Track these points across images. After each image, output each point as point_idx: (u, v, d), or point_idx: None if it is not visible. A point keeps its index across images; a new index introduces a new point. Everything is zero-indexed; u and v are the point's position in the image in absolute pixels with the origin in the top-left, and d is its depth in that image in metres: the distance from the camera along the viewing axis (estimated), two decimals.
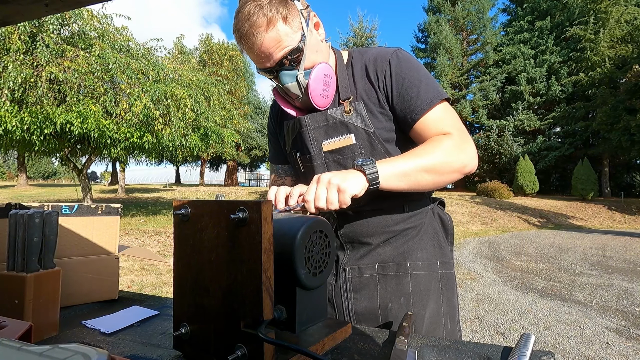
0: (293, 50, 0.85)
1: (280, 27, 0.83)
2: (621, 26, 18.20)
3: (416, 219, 0.97)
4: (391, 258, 0.95)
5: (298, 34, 0.85)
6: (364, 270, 0.96)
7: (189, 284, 0.62)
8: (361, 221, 0.96)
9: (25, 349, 0.35)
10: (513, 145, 22.31)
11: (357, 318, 0.95)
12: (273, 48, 0.84)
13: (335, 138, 0.93)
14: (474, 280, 5.28)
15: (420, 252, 0.96)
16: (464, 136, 0.88)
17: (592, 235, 10.64)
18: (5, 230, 0.75)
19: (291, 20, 0.84)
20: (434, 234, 0.99)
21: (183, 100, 8.42)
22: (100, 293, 0.98)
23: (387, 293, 0.94)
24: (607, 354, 2.93)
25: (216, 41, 27.62)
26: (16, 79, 6.51)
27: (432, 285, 0.95)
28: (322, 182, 0.76)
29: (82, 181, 10.05)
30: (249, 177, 37.44)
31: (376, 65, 0.93)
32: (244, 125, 19.48)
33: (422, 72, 0.92)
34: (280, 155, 1.12)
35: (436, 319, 0.93)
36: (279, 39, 0.83)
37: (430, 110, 0.88)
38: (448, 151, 0.84)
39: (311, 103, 0.90)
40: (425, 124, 0.89)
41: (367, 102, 0.93)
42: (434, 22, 25.40)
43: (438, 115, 0.89)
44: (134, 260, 5.69)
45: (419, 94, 0.88)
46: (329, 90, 0.92)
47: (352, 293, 0.96)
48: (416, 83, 0.89)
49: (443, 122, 0.89)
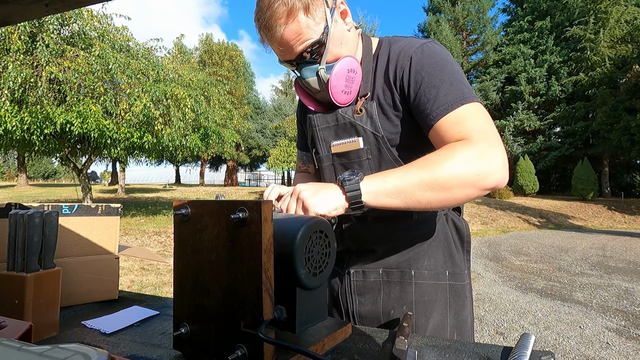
0: (314, 43, 0.79)
1: (302, 18, 0.76)
2: (621, 26, 18.19)
3: (426, 226, 0.91)
4: (396, 264, 0.91)
5: (321, 25, 0.79)
6: (368, 275, 0.94)
7: (189, 284, 0.62)
8: (368, 229, 0.92)
9: (25, 349, 0.35)
10: (513, 145, 22.31)
11: (362, 321, 0.94)
12: (293, 41, 0.78)
13: (344, 140, 0.89)
14: (474, 280, 5.28)
15: (427, 261, 0.91)
16: (490, 141, 0.71)
17: (592, 235, 10.63)
18: (5, 230, 0.75)
19: (314, 11, 0.77)
20: (445, 242, 0.92)
21: (183, 100, 8.41)
22: (100, 293, 0.98)
23: (390, 299, 0.91)
24: (607, 354, 2.93)
25: (216, 41, 27.65)
26: (16, 79, 6.51)
27: (438, 296, 0.89)
28: (295, 193, 0.73)
29: (82, 181, 10.05)
30: (249, 177, 37.46)
31: (397, 60, 0.83)
32: (244, 125, 19.50)
33: (447, 70, 0.79)
34: (305, 143, 1.07)
35: (440, 332, 0.88)
36: (299, 32, 0.77)
37: (448, 113, 0.75)
38: (460, 160, 0.68)
39: (331, 99, 0.85)
40: (442, 128, 0.75)
41: (381, 102, 0.85)
42: (434, 22, 25.39)
43: (457, 119, 0.74)
44: (134, 260, 5.69)
45: (438, 96, 0.76)
46: (352, 86, 0.85)
47: (357, 296, 0.95)
48: (436, 83, 0.77)
49: (463, 125, 0.73)
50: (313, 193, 0.71)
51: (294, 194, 0.73)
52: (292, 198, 0.73)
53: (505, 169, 0.70)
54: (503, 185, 0.71)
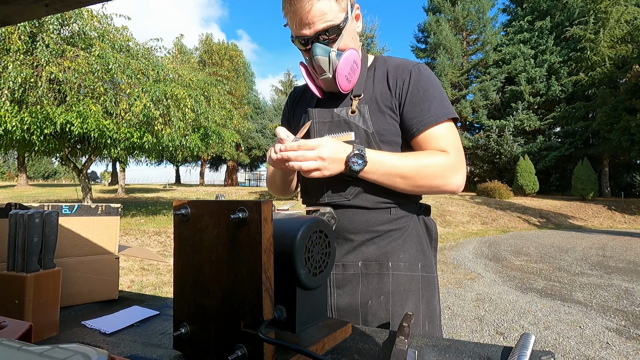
0: (334, 27, 0.89)
1: (331, 0, 0.88)
2: (621, 26, 18.20)
3: (401, 222, 0.99)
4: (374, 257, 0.97)
5: (343, 14, 0.90)
6: (348, 268, 0.97)
7: (189, 284, 0.62)
8: (347, 217, 0.97)
9: (25, 349, 0.35)
10: (513, 145, 22.31)
11: (339, 313, 0.97)
12: (317, 18, 0.87)
13: (337, 134, 0.97)
14: (474, 280, 5.28)
15: (402, 254, 0.98)
16: (460, 158, 0.93)
17: (592, 235, 10.64)
18: (5, 230, 0.75)
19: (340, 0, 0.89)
20: (417, 238, 1.01)
21: (183, 100, 8.42)
22: (100, 293, 0.98)
23: (368, 291, 0.95)
24: (607, 354, 2.93)
25: (216, 41, 27.65)
26: (16, 79, 6.51)
27: (412, 286, 0.97)
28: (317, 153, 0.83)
29: (82, 181, 10.05)
30: (249, 177, 37.44)
31: (397, 72, 0.98)
32: (244, 125, 19.46)
33: (437, 89, 0.97)
34: None
35: (414, 320, 0.95)
36: (325, 12, 0.87)
37: (435, 125, 0.93)
38: (437, 168, 0.89)
39: (335, 83, 0.94)
40: (427, 137, 0.93)
41: (379, 103, 0.97)
42: (434, 22, 25.40)
43: (441, 132, 0.93)
44: (134, 260, 5.69)
45: (430, 108, 0.93)
46: (353, 77, 0.96)
47: (336, 289, 0.97)
48: (430, 98, 0.94)
49: (444, 140, 0.93)
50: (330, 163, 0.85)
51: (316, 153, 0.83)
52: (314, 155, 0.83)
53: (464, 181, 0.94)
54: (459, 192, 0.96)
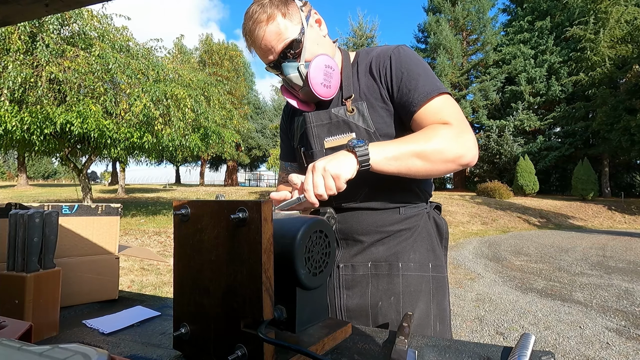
0: (293, 41, 0.90)
1: (280, 20, 0.89)
2: (621, 26, 18.19)
3: (411, 221, 0.98)
4: (384, 258, 0.96)
5: (298, 27, 0.90)
6: (357, 268, 0.97)
7: (189, 284, 0.62)
8: (356, 219, 0.97)
9: (25, 349, 0.35)
10: (513, 145, 22.30)
11: (348, 314, 0.96)
12: (274, 41, 0.89)
13: (337, 136, 0.95)
14: (474, 280, 5.28)
15: (413, 254, 0.96)
16: (463, 126, 0.86)
17: (592, 235, 10.63)
18: (5, 230, 0.75)
19: (290, 15, 0.90)
20: (428, 237, 0.99)
21: (183, 100, 8.41)
22: (100, 293, 0.98)
23: (378, 292, 0.95)
24: (607, 354, 2.93)
25: (216, 41, 27.64)
26: (16, 79, 6.51)
27: (423, 286, 0.95)
28: (318, 170, 0.77)
29: (82, 181, 10.05)
30: (249, 177, 37.45)
31: (378, 60, 0.95)
32: (244, 125, 19.49)
33: (421, 66, 0.92)
34: (290, 153, 1.15)
35: (425, 321, 0.94)
36: (279, 32, 0.89)
37: (428, 101, 0.88)
38: (443, 139, 0.82)
39: (313, 92, 0.92)
40: (424, 114, 0.88)
41: (369, 98, 0.94)
42: (434, 22, 25.39)
43: (437, 106, 0.88)
44: (134, 260, 5.69)
45: (417, 87, 0.89)
46: (331, 81, 0.94)
47: (345, 290, 0.97)
48: (415, 76, 0.90)
49: (442, 112, 0.88)
50: (337, 164, 0.78)
51: (317, 170, 0.77)
52: (317, 174, 0.77)
53: (476, 149, 0.86)
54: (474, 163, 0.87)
